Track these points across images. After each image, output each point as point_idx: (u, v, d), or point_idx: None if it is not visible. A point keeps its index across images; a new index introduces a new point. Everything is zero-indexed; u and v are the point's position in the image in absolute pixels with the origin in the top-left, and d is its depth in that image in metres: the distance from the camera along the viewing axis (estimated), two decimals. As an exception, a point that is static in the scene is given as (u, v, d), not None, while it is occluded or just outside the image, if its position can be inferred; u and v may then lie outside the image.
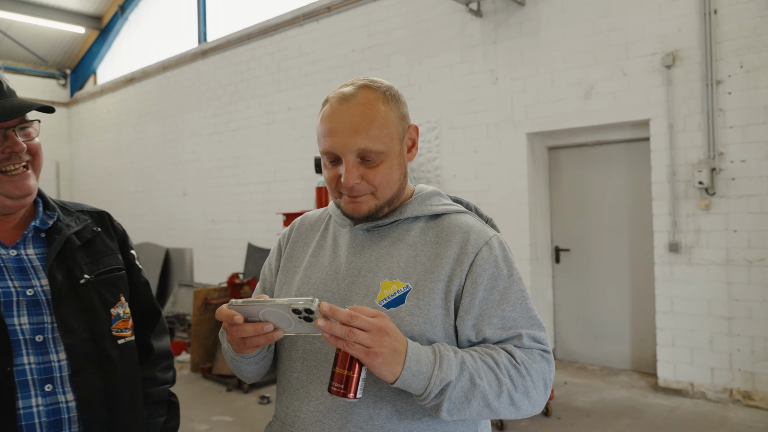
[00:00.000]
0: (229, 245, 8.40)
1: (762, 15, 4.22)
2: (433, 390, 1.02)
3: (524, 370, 1.09)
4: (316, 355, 1.16)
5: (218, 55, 8.47)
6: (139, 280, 1.44)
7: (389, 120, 1.15)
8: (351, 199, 1.16)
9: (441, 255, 1.15)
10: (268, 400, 4.82)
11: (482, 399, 1.05)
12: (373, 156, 1.12)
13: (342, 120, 1.12)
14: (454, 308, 1.13)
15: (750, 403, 4.35)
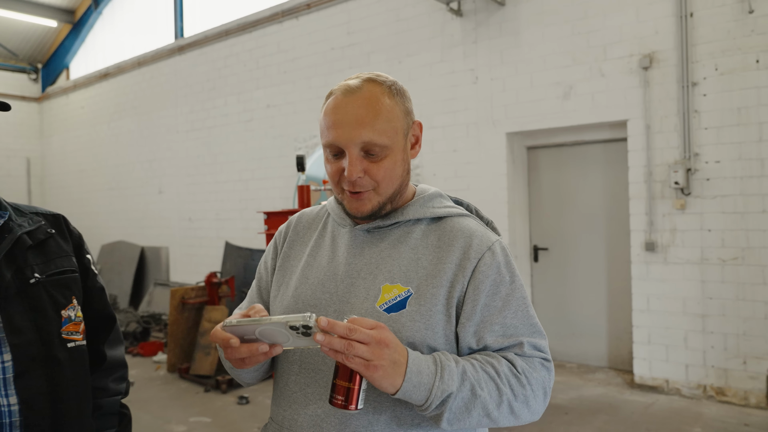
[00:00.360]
0: (206, 244, 8.30)
1: (736, 19, 4.30)
2: (434, 401, 1.01)
3: (525, 380, 1.08)
4: (313, 359, 1.14)
5: (195, 50, 8.36)
6: (93, 285, 1.40)
7: (394, 114, 1.13)
8: (353, 196, 1.14)
9: (443, 260, 1.13)
10: (247, 401, 4.77)
11: (483, 409, 1.04)
12: (378, 150, 1.10)
13: (347, 112, 1.10)
14: (455, 314, 1.12)
15: (723, 398, 4.44)
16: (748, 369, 4.34)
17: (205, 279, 5.68)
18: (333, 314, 1.14)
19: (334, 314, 1.14)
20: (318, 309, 1.15)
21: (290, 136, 7.19)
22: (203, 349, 5.41)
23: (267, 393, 4.97)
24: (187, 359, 5.61)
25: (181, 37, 8.86)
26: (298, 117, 7.10)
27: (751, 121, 4.28)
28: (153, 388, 5.23)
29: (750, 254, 4.31)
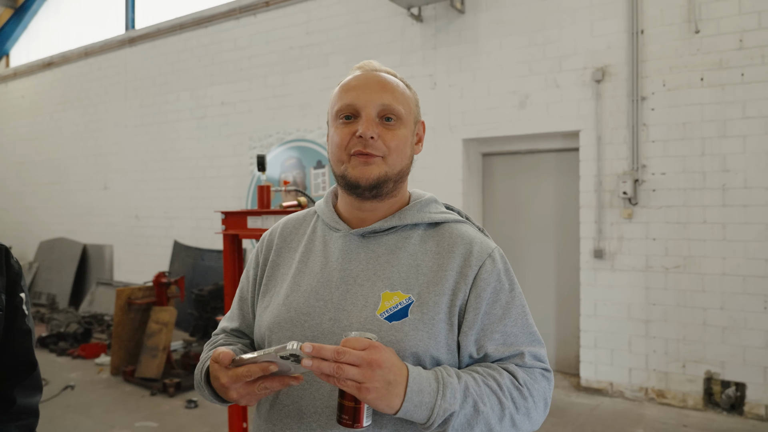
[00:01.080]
0: (154, 242, 8.05)
1: (683, 38, 4.51)
2: (437, 420, 0.98)
3: (527, 392, 1.07)
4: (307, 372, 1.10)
5: (147, 43, 8.11)
6: (20, 327, 1.31)
7: (409, 98, 1.17)
8: (362, 158, 1.10)
9: (444, 266, 1.11)
10: (196, 405, 4.65)
11: (485, 424, 1.02)
12: (394, 116, 1.12)
13: (369, 79, 1.13)
14: (457, 322, 1.10)
15: (663, 401, 4.63)
16: (687, 372, 4.54)
17: (153, 279, 5.51)
18: (328, 322, 1.10)
19: (330, 322, 1.10)
20: (312, 317, 1.12)
21: (245, 135, 7.07)
22: (150, 351, 5.24)
23: (216, 396, 4.86)
24: (132, 361, 5.42)
25: (132, 28, 8.58)
26: (254, 116, 6.99)
27: (695, 136, 4.49)
28: (95, 391, 5.03)
29: (691, 263, 4.52)
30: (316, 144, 6.23)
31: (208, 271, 7.24)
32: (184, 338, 6.35)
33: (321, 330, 1.10)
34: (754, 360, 4.30)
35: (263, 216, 3.00)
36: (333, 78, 6.31)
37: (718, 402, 4.43)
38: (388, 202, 1.17)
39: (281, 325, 1.13)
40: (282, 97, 6.74)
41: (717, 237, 4.42)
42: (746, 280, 4.32)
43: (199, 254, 7.46)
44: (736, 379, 4.37)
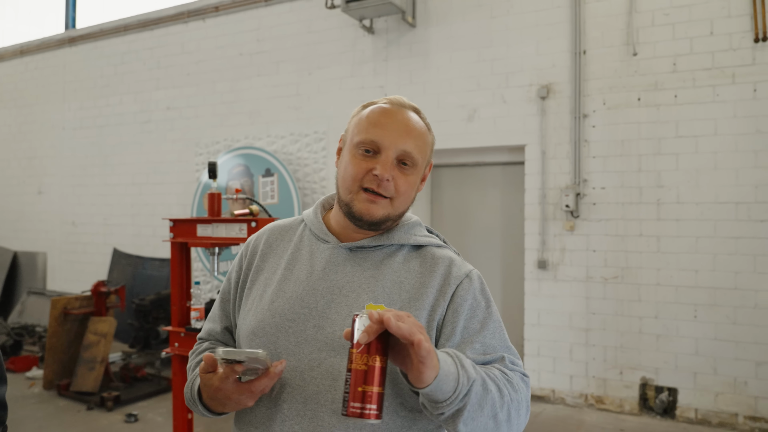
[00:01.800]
0: (91, 250, 7.74)
1: (622, 60, 4.74)
2: (461, 391, 0.96)
3: (516, 386, 1.09)
4: (290, 373, 1.12)
5: (89, 44, 7.83)
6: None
7: (427, 143, 1.22)
8: (371, 197, 1.16)
9: (425, 284, 1.16)
10: (136, 419, 4.49)
11: (491, 408, 1.01)
12: (410, 163, 1.17)
13: (397, 119, 1.17)
14: (435, 337, 1.14)
15: (602, 406, 4.81)
16: (624, 379, 4.74)
17: (92, 288, 5.29)
18: (312, 329, 1.13)
19: (313, 329, 1.13)
20: (296, 323, 1.15)
21: (191, 141, 6.92)
22: (87, 363, 5.03)
23: (157, 410, 4.71)
24: (67, 375, 5.18)
25: (72, 27, 8.27)
26: (201, 121, 6.86)
27: (632, 153, 4.72)
28: (27, 407, 4.78)
29: (628, 273, 4.73)
30: (264, 152, 6.17)
31: (149, 280, 7.02)
32: (124, 350, 6.12)
33: (305, 336, 1.13)
34: (685, 366, 4.54)
35: (214, 224, 2.95)
36: (283, 86, 6.28)
37: (653, 407, 4.64)
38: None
39: (265, 330, 1.16)
40: (230, 104, 6.65)
41: (652, 249, 4.65)
42: (678, 290, 4.56)
43: (140, 262, 7.22)
44: (669, 384, 4.59)
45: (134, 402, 4.88)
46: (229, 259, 6.19)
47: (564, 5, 4.94)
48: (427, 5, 5.53)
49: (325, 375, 1.09)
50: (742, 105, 4.37)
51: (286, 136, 6.26)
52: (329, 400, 1.08)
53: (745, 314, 4.36)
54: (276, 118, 6.34)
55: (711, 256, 4.47)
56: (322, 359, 1.10)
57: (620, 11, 4.75)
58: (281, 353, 1.13)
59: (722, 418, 4.41)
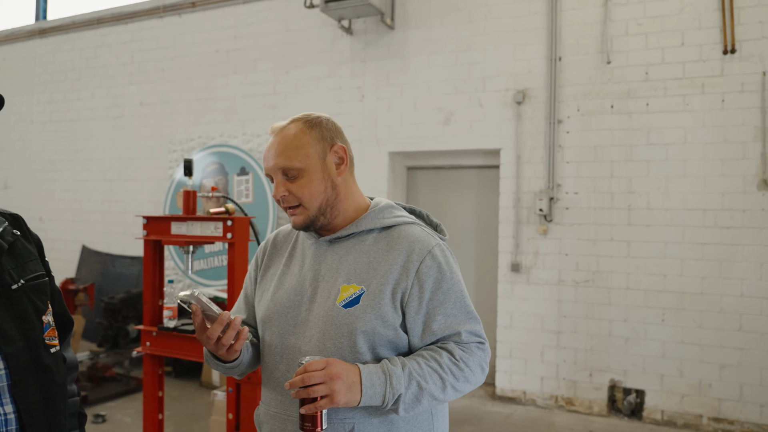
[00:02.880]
0: (59, 247, 7.56)
1: (596, 67, 4.83)
2: (389, 402, 1.27)
3: (463, 365, 1.34)
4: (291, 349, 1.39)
5: (60, 36, 7.66)
6: (54, 289, 1.39)
7: (305, 142, 1.38)
8: (289, 212, 1.41)
9: (390, 261, 1.37)
10: (104, 419, 4.41)
11: (430, 397, 1.30)
12: (293, 172, 1.37)
13: (270, 148, 1.40)
14: (401, 308, 1.35)
15: (572, 408, 4.88)
16: (593, 381, 4.82)
17: (59, 286, 5.16)
18: (305, 313, 1.39)
19: (306, 313, 1.39)
20: (292, 309, 1.41)
21: (164, 138, 6.82)
22: (53, 362, 4.91)
23: (125, 410, 4.63)
24: (32, 374, 5.05)
25: (43, 19, 8.08)
26: (175, 118, 6.76)
27: (605, 159, 4.81)
28: (-11, 406, 4.64)
29: (599, 277, 4.82)
30: (240, 150, 6.12)
31: (119, 278, 6.89)
32: (92, 349, 6.00)
33: (299, 319, 1.40)
34: (653, 368, 4.64)
35: (189, 222, 2.91)
36: (260, 84, 6.24)
37: (621, 408, 4.73)
38: (339, 219, 1.43)
39: (271, 317, 1.44)
40: (206, 101, 6.57)
41: (622, 254, 4.74)
42: (647, 294, 4.66)
43: (110, 260, 7.09)
44: (637, 386, 4.68)
45: (102, 402, 4.78)
46: (201, 258, 6.12)
47: (541, 12, 5.01)
48: (405, 8, 5.56)
49: (314, 349, 1.34)
50: (711, 115, 4.49)
51: (262, 135, 6.22)
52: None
53: (711, 318, 4.48)
54: (252, 117, 6.29)
55: (679, 261, 4.57)
56: (311, 336, 1.36)
57: (595, 20, 4.84)
58: (284, 334, 1.40)
59: (687, 419, 4.52)
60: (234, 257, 2.83)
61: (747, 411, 4.36)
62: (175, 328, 2.93)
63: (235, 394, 2.86)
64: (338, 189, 1.42)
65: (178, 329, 2.92)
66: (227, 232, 2.80)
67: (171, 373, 5.55)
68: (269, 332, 1.43)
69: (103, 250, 7.17)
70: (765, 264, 4.34)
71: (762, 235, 4.35)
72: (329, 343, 1.32)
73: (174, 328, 2.94)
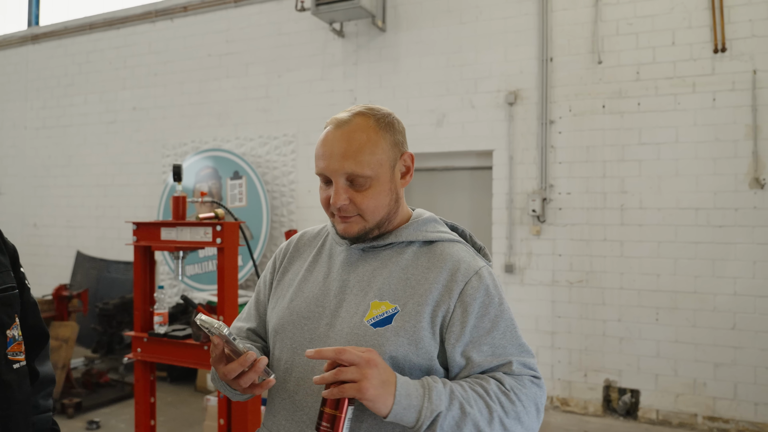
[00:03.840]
0: (54, 253, 7.55)
1: (588, 67, 4.84)
2: (425, 421, 1.05)
3: (514, 396, 1.12)
4: (302, 367, 1.21)
5: (53, 41, 7.65)
6: (28, 300, 1.34)
7: (379, 147, 1.20)
8: (342, 219, 1.23)
9: (431, 280, 1.19)
10: (98, 426, 4.39)
11: (473, 426, 1.07)
12: (361, 180, 1.19)
13: (334, 144, 1.19)
14: (439, 335, 1.17)
15: (567, 408, 4.88)
16: (588, 381, 4.82)
17: (53, 292, 5.17)
18: (324, 327, 1.22)
19: (326, 327, 1.22)
20: (311, 321, 1.24)
21: (158, 142, 6.81)
22: (47, 369, 4.90)
23: (120, 416, 4.61)
24: (26, 381, 5.03)
25: (35, 24, 8.07)
26: (168, 123, 6.76)
27: (597, 159, 4.81)
28: (-17, 414, 4.62)
29: (592, 277, 4.82)
30: (233, 154, 6.11)
31: (114, 284, 6.87)
32: (86, 355, 5.98)
33: (318, 333, 1.22)
34: (647, 368, 4.63)
35: (178, 227, 2.91)
36: (252, 88, 6.23)
37: (616, 408, 4.72)
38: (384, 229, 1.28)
39: (285, 327, 1.27)
40: (198, 105, 6.56)
41: (615, 253, 4.74)
42: (641, 293, 4.66)
43: (104, 266, 7.07)
44: (632, 386, 4.68)
45: (96, 408, 4.77)
46: (196, 262, 6.11)
47: (532, 13, 5.02)
48: (397, 10, 5.56)
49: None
50: (702, 113, 4.50)
51: (255, 139, 6.21)
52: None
53: (704, 317, 4.48)
54: (245, 121, 6.29)
55: (672, 261, 4.58)
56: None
57: (586, 20, 4.85)
58: (296, 349, 1.22)
59: (682, 418, 4.52)
60: (224, 262, 2.82)
61: (742, 409, 4.36)
62: (166, 334, 2.92)
63: (226, 399, 2.85)
64: (399, 201, 1.27)
65: (169, 335, 2.91)
66: (216, 237, 2.79)
67: (166, 378, 5.54)
68: (280, 345, 1.26)
69: (97, 255, 7.15)
70: (758, 262, 4.34)
71: (754, 233, 4.35)
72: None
73: (165, 334, 2.93)
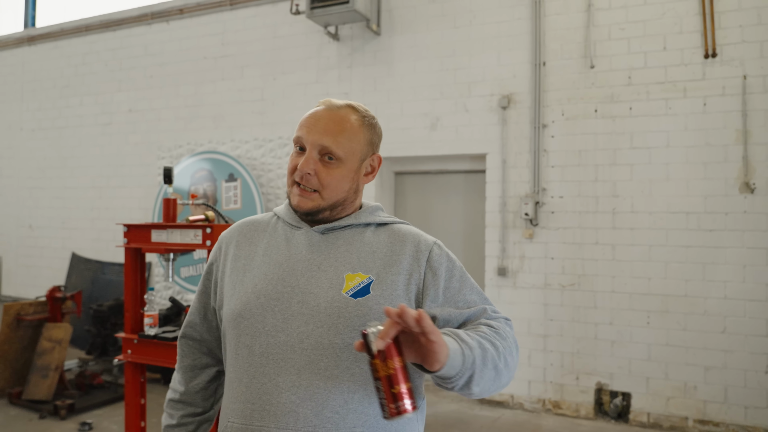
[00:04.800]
0: (49, 254, 7.55)
1: (580, 72, 4.86)
2: (468, 361, 1.07)
3: (504, 334, 1.21)
4: (281, 348, 1.20)
5: (49, 43, 7.66)
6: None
7: (357, 138, 1.30)
8: (300, 191, 1.27)
9: (397, 252, 1.28)
10: (90, 427, 4.39)
11: (492, 363, 1.13)
12: (332, 158, 1.26)
13: (320, 118, 1.27)
14: (415, 302, 1.25)
15: (559, 411, 4.90)
16: (580, 384, 4.84)
17: (47, 293, 5.17)
18: (297, 305, 1.22)
19: (298, 305, 1.22)
20: (281, 302, 1.23)
21: (153, 144, 6.83)
22: (40, 370, 4.90)
23: (113, 418, 4.62)
24: (19, 383, 5.04)
25: (32, 26, 8.08)
26: (164, 125, 6.77)
27: (589, 163, 4.84)
28: (-25, 415, 4.63)
29: (584, 281, 4.84)
30: (228, 157, 6.12)
31: (109, 286, 6.88)
32: (80, 356, 5.98)
33: (291, 312, 1.22)
34: (639, 371, 4.65)
35: (169, 230, 2.92)
36: (247, 91, 6.25)
37: (607, 411, 4.74)
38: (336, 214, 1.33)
39: (252, 311, 1.25)
40: (194, 108, 6.58)
41: (607, 257, 4.76)
42: (632, 297, 4.68)
43: (99, 267, 7.08)
44: (623, 389, 4.70)
45: (89, 410, 4.77)
46: (190, 264, 6.12)
47: (525, 17, 5.05)
48: (391, 14, 5.59)
49: (315, 346, 1.18)
50: (693, 118, 4.53)
51: (250, 141, 6.23)
52: (322, 368, 1.17)
53: (695, 321, 4.50)
54: (240, 123, 6.31)
55: (663, 264, 4.60)
56: (310, 331, 1.19)
57: (579, 25, 4.88)
58: (270, 330, 1.21)
59: (673, 421, 4.54)
60: (214, 264, 2.83)
61: (732, 413, 4.38)
62: (156, 336, 2.93)
63: (215, 402, 2.86)
64: (357, 193, 1.35)
65: (159, 336, 2.92)
66: (206, 239, 2.81)
67: (160, 380, 5.54)
68: (247, 331, 1.23)
69: (92, 257, 7.16)
70: (748, 266, 4.37)
71: (744, 237, 4.37)
72: (337, 338, 1.17)
73: (155, 335, 2.94)
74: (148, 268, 6.59)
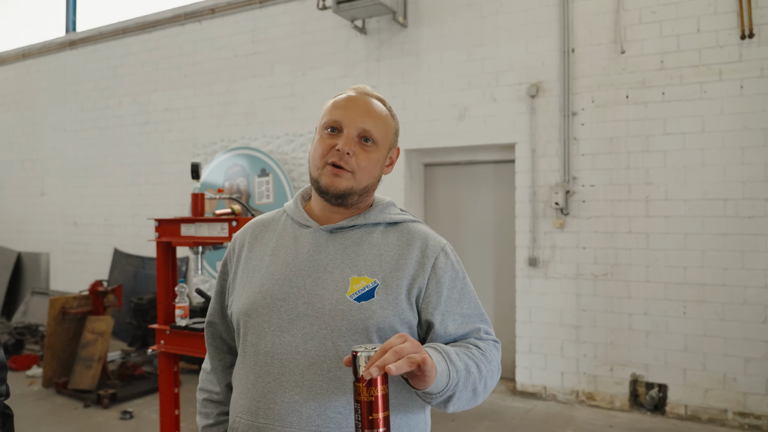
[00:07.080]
0: (93, 250, 7.84)
1: (610, 57, 4.76)
2: (452, 383, 1.11)
3: (490, 357, 1.25)
4: (286, 348, 1.21)
5: (89, 47, 7.93)
6: None
7: (389, 126, 1.32)
8: (334, 170, 1.25)
9: (404, 256, 1.27)
10: (131, 416, 4.56)
11: (472, 386, 1.17)
12: (371, 140, 1.27)
13: (358, 103, 1.28)
14: (416, 306, 1.26)
15: (592, 403, 4.83)
16: (614, 375, 4.76)
17: (89, 288, 5.38)
18: (302, 306, 1.23)
19: (304, 306, 1.23)
20: (287, 302, 1.24)
21: (188, 142, 7.00)
22: (84, 361, 5.11)
23: (152, 407, 4.78)
24: (65, 373, 5.27)
25: (73, 31, 8.38)
26: (198, 122, 6.93)
27: (621, 150, 4.73)
28: (25, 404, 4.87)
29: (617, 270, 4.75)
30: (260, 152, 6.23)
31: (150, 280, 7.10)
32: (123, 348, 6.21)
33: (296, 313, 1.23)
34: (675, 362, 4.55)
35: (197, 224, 3.01)
36: (278, 87, 6.34)
37: (643, 403, 4.65)
38: (353, 208, 1.32)
39: (258, 311, 1.26)
40: (227, 105, 6.72)
41: (641, 246, 4.66)
42: (667, 286, 4.57)
43: (140, 262, 7.31)
44: (659, 380, 4.60)
45: (130, 399, 4.95)
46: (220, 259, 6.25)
47: (552, 4, 4.96)
48: (417, 5, 5.57)
49: (319, 347, 1.19)
50: (729, 102, 4.38)
51: (281, 136, 6.32)
52: (325, 369, 1.18)
53: (734, 310, 4.37)
54: (271, 119, 6.41)
55: (699, 253, 4.47)
56: (314, 332, 1.19)
57: (608, 9, 4.77)
58: (275, 330, 1.22)
59: (711, 414, 4.43)
60: (240, 257, 2.90)
61: (774, 405, 4.24)
62: (186, 327, 3.02)
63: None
64: (377, 183, 1.35)
65: (189, 327, 3.01)
66: (232, 232, 2.88)
67: (197, 371, 5.70)
68: (254, 330, 1.25)
69: (133, 252, 7.40)
70: (789, 254, 4.21)
71: (785, 224, 4.22)
72: (340, 341, 1.17)
73: (185, 326, 3.04)
74: (185, 262, 6.78)
